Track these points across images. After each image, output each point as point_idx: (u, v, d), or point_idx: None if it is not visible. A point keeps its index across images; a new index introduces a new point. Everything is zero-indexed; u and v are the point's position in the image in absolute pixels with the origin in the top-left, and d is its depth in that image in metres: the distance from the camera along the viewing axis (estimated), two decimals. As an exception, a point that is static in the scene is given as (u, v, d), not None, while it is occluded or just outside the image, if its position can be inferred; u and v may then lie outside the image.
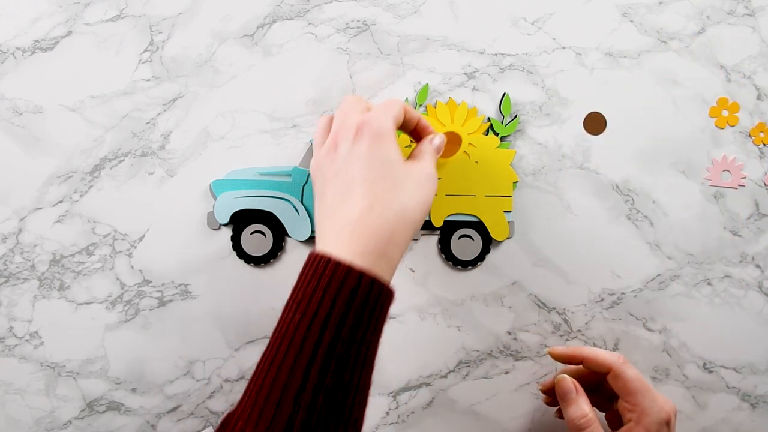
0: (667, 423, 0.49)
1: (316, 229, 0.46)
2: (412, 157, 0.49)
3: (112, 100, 0.57)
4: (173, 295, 0.57)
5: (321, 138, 0.49)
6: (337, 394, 0.39)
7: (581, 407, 0.52)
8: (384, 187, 0.44)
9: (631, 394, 0.50)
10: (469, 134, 0.58)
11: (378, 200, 0.44)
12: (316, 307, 0.40)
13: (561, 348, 0.55)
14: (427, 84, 0.58)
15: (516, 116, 0.58)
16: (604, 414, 0.56)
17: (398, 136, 0.57)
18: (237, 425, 0.40)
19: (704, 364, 0.59)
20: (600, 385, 0.54)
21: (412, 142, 0.57)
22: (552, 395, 0.55)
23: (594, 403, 0.55)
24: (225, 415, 0.42)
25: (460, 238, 0.58)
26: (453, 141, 0.56)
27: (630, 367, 0.51)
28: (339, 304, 0.40)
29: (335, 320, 0.40)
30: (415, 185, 0.46)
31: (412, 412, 0.59)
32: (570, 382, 0.53)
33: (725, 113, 0.59)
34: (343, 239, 0.43)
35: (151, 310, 0.57)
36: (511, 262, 0.59)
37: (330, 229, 0.44)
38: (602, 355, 0.52)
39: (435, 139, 0.50)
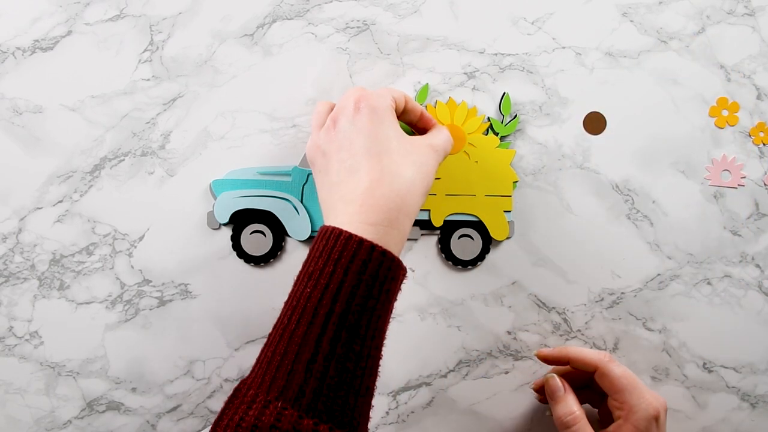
0: (656, 418, 0.49)
1: (323, 206, 0.47)
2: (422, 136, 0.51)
3: (112, 100, 0.57)
4: (173, 294, 0.57)
5: (320, 120, 0.50)
6: (347, 363, 0.40)
7: (569, 405, 0.52)
8: (390, 159, 0.45)
9: (618, 391, 0.51)
10: (469, 134, 0.58)
11: (385, 172, 0.45)
12: (327, 279, 0.41)
13: (547, 350, 0.56)
14: (427, 84, 0.58)
15: (516, 116, 0.58)
16: (597, 411, 0.56)
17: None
18: (248, 393, 0.40)
19: (704, 363, 0.59)
20: (591, 382, 0.54)
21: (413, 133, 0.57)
22: (544, 394, 0.55)
23: (586, 399, 0.55)
24: (237, 383, 0.42)
25: (460, 238, 0.58)
26: (457, 137, 0.57)
27: (616, 364, 0.51)
28: (350, 276, 0.41)
29: (346, 292, 0.41)
30: (419, 158, 0.47)
31: (412, 412, 0.59)
32: (558, 381, 0.53)
33: (725, 113, 0.59)
34: (352, 211, 0.44)
35: (151, 309, 0.57)
36: (511, 262, 0.59)
37: (339, 202, 0.45)
38: (588, 354, 0.53)
39: (440, 132, 0.52)
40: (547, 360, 0.55)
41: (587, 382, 0.55)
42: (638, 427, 0.49)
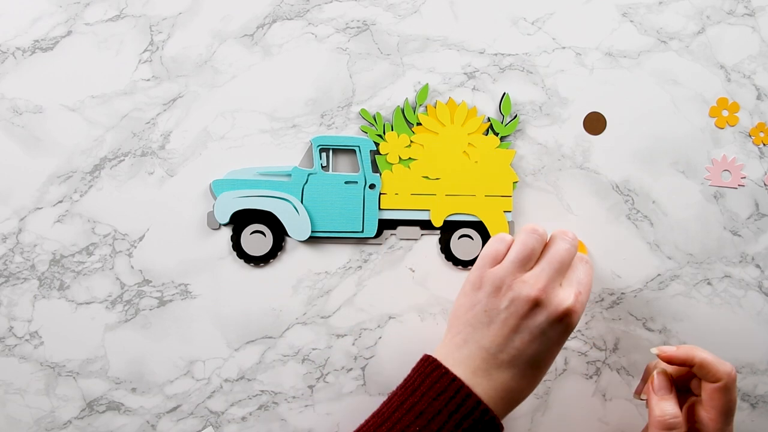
0: None
1: (460, 349, 0.47)
2: None
3: (112, 100, 0.57)
4: (173, 295, 0.57)
5: (497, 257, 0.49)
6: None
7: (675, 407, 0.50)
8: (542, 372, 0.47)
9: (721, 412, 0.49)
10: (469, 134, 0.58)
11: (535, 385, 0.46)
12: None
13: (672, 350, 0.52)
14: (427, 84, 0.58)
15: (516, 116, 0.58)
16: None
17: (398, 136, 0.57)
18: None
19: (704, 364, 0.59)
20: (683, 385, 0.53)
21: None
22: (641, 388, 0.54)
23: None
24: None
25: (460, 238, 0.58)
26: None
27: (735, 385, 0.50)
28: None
29: None
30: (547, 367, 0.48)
31: (412, 412, 0.59)
32: (669, 379, 0.52)
33: (725, 113, 0.59)
34: (493, 396, 0.44)
35: (151, 309, 0.57)
36: (511, 262, 0.58)
37: (483, 378, 0.45)
38: (718, 366, 0.50)
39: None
40: (670, 360, 0.52)
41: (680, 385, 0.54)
42: None
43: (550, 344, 0.46)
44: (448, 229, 0.58)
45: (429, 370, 0.45)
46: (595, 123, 0.59)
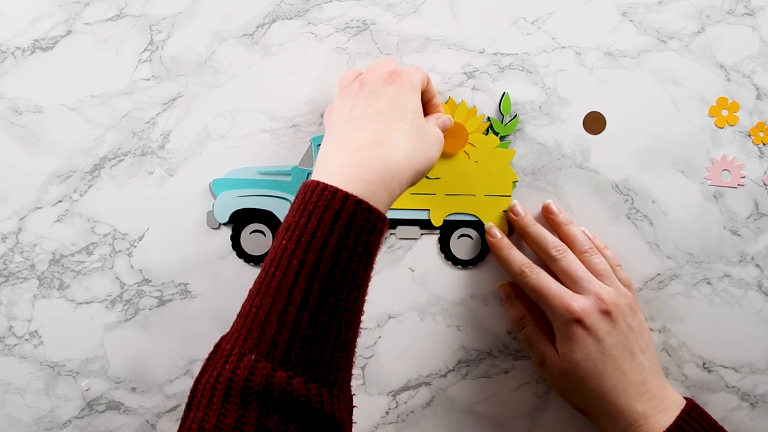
0: (578, 321, 0.50)
1: (319, 158, 0.46)
2: None
3: (112, 100, 0.57)
4: (173, 294, 0.57)
5: (346, 82, 0.51)
6: (321, 315, 0.39)
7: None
8: (400, 128, 0.45)
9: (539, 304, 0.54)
10: (468, 134, 0.58)
11: (391, 138, 0.45)
12: (301, 230, 0.40)
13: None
14: (427, 84, 0.58)
15: (516, 116, 0.58)
16: None
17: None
18: (226, 347, 0.40)
19: (704, 363, 0.59)
20: None
21: None
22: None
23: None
24: (218, 339, 0.43)
25: (459, 238, 0.58)
26: (459, 134, 0.56)
27: (533, 276, 0.53)
28: (323, 226, 0.40)
29: (318, 241, 0.40)
30: (426, 140, 0.47)
31: (412, 412, 0.59)
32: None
33: (725, 113, 0.59)
34: (346, 163, 0.43)
35: (150, 309, 0.57)
36: (511, 262, 0.59)
37: (335, 152, 0.45)
38: (507, 269, 0.55)
39: (442, 117, 0.53)
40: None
41: None
42: (559, 329, 0.52)
43: (386, 99, 0.47)
44: (448, 228, 0.58)
45: (304, 191, 0.44)
46: (594, 123, 0.59)
